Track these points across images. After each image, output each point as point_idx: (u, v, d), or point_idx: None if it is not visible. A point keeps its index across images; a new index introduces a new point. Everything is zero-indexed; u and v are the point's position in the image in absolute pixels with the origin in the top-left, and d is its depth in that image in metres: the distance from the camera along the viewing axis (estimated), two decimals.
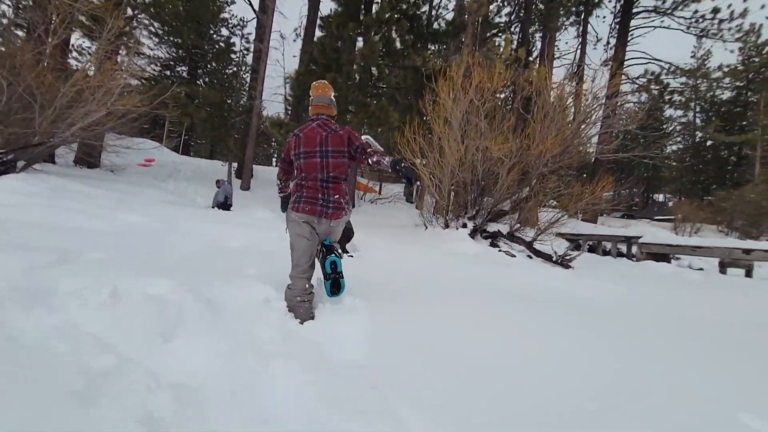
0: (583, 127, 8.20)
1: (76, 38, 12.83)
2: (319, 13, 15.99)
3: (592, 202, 8.00)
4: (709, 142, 33.91)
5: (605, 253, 16.14)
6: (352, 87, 11.32)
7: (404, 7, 11.78)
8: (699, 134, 34.13)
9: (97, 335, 1.60)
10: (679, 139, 38.80)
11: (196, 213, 5.93)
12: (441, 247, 7.85)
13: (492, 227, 9.93)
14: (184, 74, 29.21)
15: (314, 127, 2.57)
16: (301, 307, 2.27)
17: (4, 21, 8.68)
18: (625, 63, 20.29)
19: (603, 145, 7.93)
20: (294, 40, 16.53)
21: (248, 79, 22.06)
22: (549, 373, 1.87)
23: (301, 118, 13.95)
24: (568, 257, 8.41)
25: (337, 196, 2.54)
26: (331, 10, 12.46)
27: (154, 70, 28.11)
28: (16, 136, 6.40)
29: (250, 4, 17.75)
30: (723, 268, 11.77)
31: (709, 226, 23.70)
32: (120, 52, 10.65)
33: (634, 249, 15.07)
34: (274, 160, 55.34)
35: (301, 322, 2.18)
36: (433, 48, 13.37)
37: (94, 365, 1.33)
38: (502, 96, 8.58)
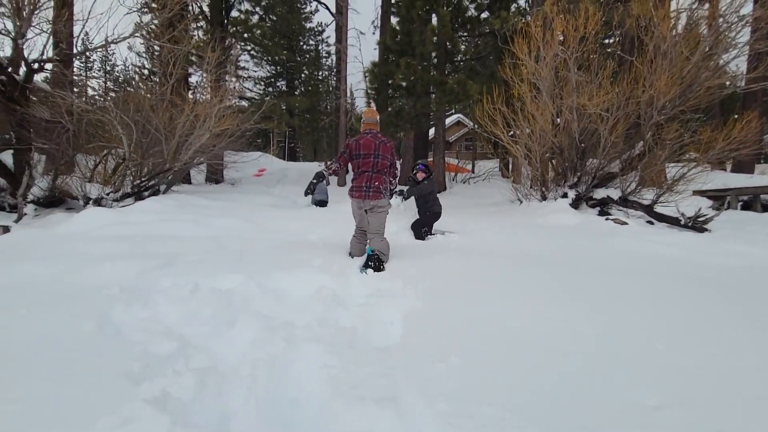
0: (714, 56, 6.57)
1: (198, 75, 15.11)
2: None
3: (730, 148, 6.42)
4: None
5: (765, 208, 12.85)
6: (427, 68, 11.05)
7: None
8: None
9: (170, 325, 1.89)
10: None
11: (289, 213, 6.57)
12: (535, 221, 7.23)
13: (599, 193, 8.74)
14: (284, 88, 32.21)
15: (369, 138, 3.70)
16: (355, 246, 3.74)
17: (137, 71, 10.69)
18: None
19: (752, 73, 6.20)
20: (373, 33, 16.81)
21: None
22: (625, 364, 1.59)
23: (383, 108, 14.20)
24: (701, 218, 6.93)
25: (377, 183, 3.65)
26: None
27: (259, 89, 31.67)
28: (154, 165, 7.90)
29: (327, 8, 18.56)
30: None
31: None
32: (226, 78, 12.27)
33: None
34: None
35: (352, 256, 3.60)
36: (514, 5, 12.21)
37: (156, 350, 1.58)
38: (597, 41, 7.33)
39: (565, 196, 8.63)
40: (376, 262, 3.18)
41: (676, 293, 2.51)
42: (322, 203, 10.91)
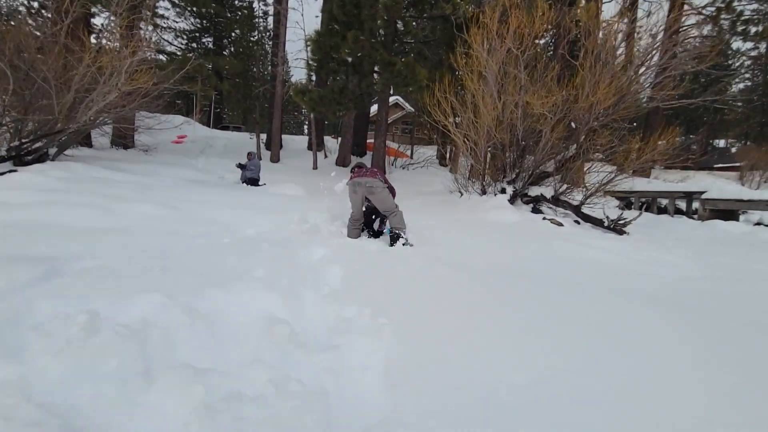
0: (641, 71, 7.03)
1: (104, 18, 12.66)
2: None
3: (652, 158, 7.00)
4: None
5: (660, 210, 14.72)
6: (376, 45, 10.46)
7: None
8: None
9: (52, 391, 1.29)
10: (747, 75, 34.24)
11: (217, 195, 5.69)
12: (475, 216, 7.28)
13: (534, 191, 9.12)
14: (211, 45, 28.85)
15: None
16: (352, 231, 4.32)
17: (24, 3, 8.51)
18: None
19: (664, 91, 6.76)
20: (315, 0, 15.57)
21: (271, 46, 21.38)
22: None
23: (324, 83, 13.32)
24: (621, 221, 7.55)
25: (376, 170, 4.54)
26: None
27: (181, 43, 28.03)
28: (41, 123, 6.38)
29: None
30: None
31: None
32: (141, 25, 10.38)
33: (696, 205, 13.59)
34: (305, 128, 54.77)
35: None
36: None
37: None
38: (543, 42, 7.50)
39: (503, 191, 8.87)
40: (397, 240, 3.87)
41: (642, 315, 2.48)
42: (253, 182, 9.96)
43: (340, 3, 10.97)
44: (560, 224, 6.75)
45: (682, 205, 14.36)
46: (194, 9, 25.32)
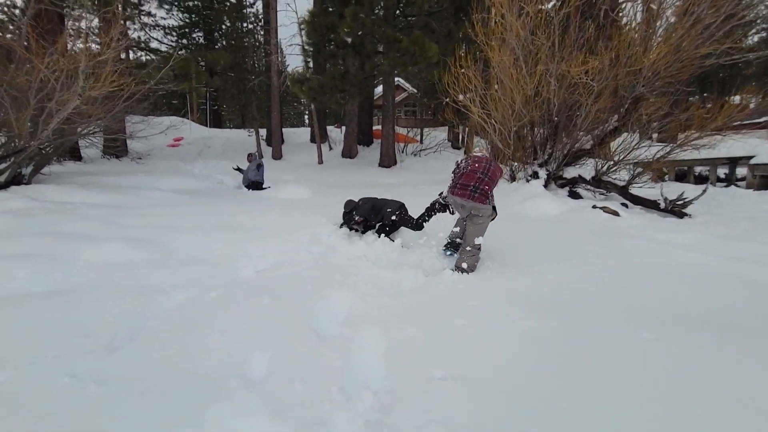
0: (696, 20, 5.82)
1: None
2: None
3: (724, 123, 5.91)
4: None
5: (698, 180, 13.47)
6: (378, 21, 9.32)
7: None
8: None
9: None
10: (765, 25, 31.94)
11: (210, 214, 4.73)
12: (511, 210, 6.26)
13: (569, 172, 8.06)
14: (201, 40, 27.57)
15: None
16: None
17: None
18: None
19: (726, 44, 5.59)
20: None
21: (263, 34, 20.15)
22: None
23: (324, 69, 12.23)
24: (680, 202, 6.49)
25: (487, 188, 3.31)
26: None
27: (171, 41, 26.84)
28: (9, 140, 5.51)
29: None
30: None
31: None
32: (121, 21, 9.37)
33: (743, 172, 12.34)
34: (305, 118, 52.98)
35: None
36: None
37: None
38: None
39: (535, 176, 7.83)
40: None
41: None
42: (256, 185, 9.04)
43: None
44: (616, 213, 5.71)
45: (722, 172, 13.14)
46: (181, 4, 24.12)
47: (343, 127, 16.82)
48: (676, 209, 6.47)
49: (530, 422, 1.42)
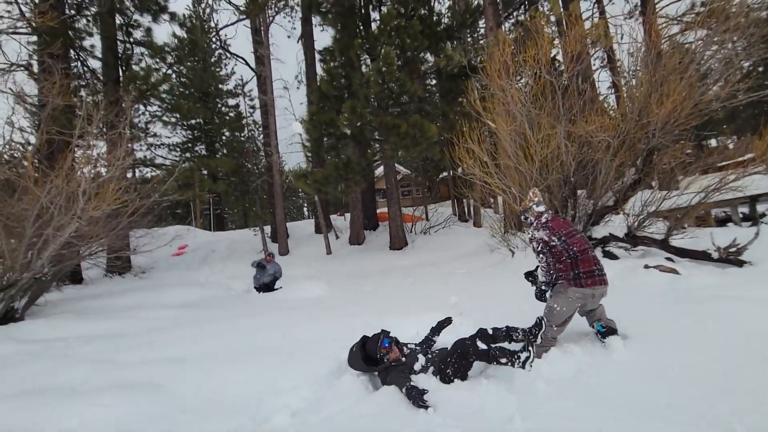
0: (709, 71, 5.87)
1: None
2: (317, 56, 14.81)
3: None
4: None
5: (718, 222, 12.99)
6: (375, 111, 9.65)
7: (411, 7, 10.16)
8: None
9: None
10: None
11: (220, 335, 4.06)
12: None
13: (598, 232, 7.58)
14: (203, 152, 29.13)
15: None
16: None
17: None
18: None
19: (732, 87, 5.58)
20: (297, 88, 15.42)
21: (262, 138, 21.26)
22: None
23: (324, 161, 12.46)
24: (734, 249, 5.89)
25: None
26: (331, 38, 11.09)
27: (175, 156, 28.31)
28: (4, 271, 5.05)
29: (246, 63, 17.01)
30: None
31: None
32: (128, 145, 9.66)
33: (763, 208, 11.91)
34: (305, 210, 54.06)
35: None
36: (450, 44, 11.56)
37: None
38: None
39: None
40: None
41: None
42: (266, 288, 8.42)
43: (328, 79, 10.40)
44: (675, 271, 5.07)
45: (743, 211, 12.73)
46: (185, 123, 25.91)
47: (347, 214, 16.75)
48: (732, 257, 5.85)
49: None
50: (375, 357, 2.68)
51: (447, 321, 3.31)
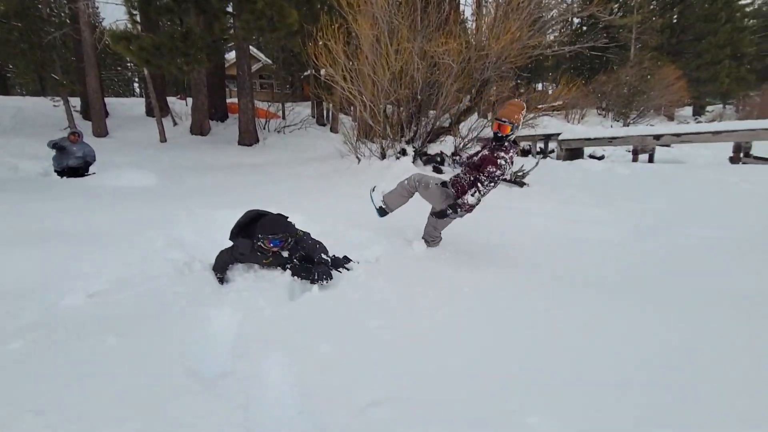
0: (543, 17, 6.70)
1: None
2: None
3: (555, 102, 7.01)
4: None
5: (523, 153, 16.26)
6: None
7: None
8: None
9: None
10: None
11: (7, 218, 3.29)
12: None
13: (432, 149, 8.60)
14: None
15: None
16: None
17: None
18: None
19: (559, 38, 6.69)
20: None
21: None
22: None
23: (157, 25, 10.15)
24: (521, 173, 7.59)
25: None
26: None
27: None
28: None
29: None
30: (635, 155, 12.43)
31: (591, 110, 25.02)
32: None
33: (552, 146, 15.30)
34: (135, 85, 43.17)
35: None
36: None
37: None
38: None
39: (404, 152, 8.09)
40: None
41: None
42: (73, 172, 6.95)
43: None
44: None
45: (539, 146, 16.13)
46: None
47: (189, 99, 14.50)
48: (518, 180, 7.56)
49: None
50: (251, 239, 2.33)
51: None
